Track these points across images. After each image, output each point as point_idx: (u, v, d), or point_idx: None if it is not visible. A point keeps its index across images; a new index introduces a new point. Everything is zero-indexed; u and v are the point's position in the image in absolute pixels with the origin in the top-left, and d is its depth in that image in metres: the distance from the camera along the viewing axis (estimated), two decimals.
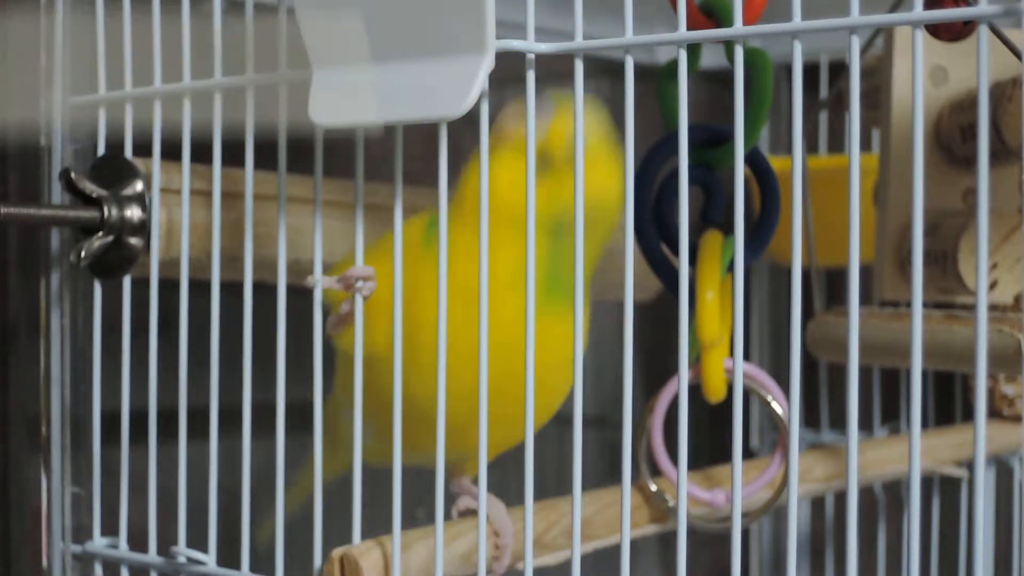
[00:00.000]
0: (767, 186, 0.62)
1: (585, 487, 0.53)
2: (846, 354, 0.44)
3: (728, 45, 0.54)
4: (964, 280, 0.67)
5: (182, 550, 0.60)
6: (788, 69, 0.94)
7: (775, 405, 0.62)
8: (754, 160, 0.62)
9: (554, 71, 0.59)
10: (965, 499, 0.93)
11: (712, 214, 0.63)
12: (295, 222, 0.60)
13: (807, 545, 1.00)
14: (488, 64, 0.48)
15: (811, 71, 0.96)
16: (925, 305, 0.70)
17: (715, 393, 0.62)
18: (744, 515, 0.63)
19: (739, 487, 0.47)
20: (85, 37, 0.64)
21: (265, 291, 0.59)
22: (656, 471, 0.64)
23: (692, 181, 0.62)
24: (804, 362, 0.47)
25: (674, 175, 0.62)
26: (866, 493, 0.90)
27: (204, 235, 0.61)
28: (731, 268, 0.61)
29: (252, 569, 0.58)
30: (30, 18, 0.65)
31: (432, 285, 0.51)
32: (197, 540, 0.61)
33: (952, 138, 0.69)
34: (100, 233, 0.61)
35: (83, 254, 0.61)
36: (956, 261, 0.67)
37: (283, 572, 0.57)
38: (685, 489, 0.49)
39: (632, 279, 0.49)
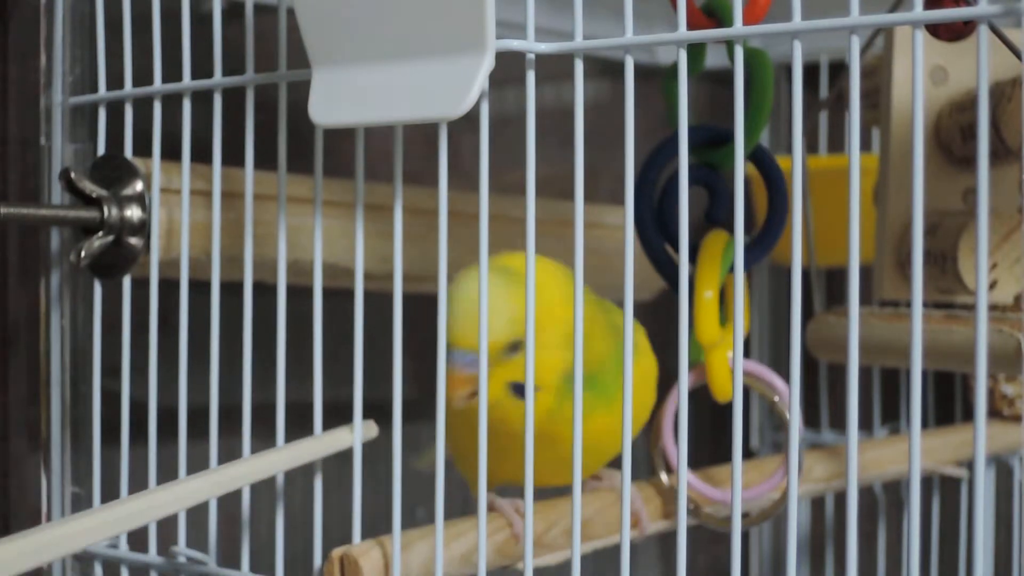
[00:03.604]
0: (774, 186, 0.62)
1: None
2: (846, 354, 0.44)
3: (729, 45, 0.54)
4: (964, 280, 0.67)
5: (182, 550, 0.60)
6: (788, 69, 0.94)
7: (781, 405, 0.62)
8: (761, 160, 0.62)
9: (554, 71, 0.59)
10: (965, 499, 0.93)
11: (716, 214, 0.63)
12: (295, 222, 0.60)
13: (807, 545, 1.00)
14: (488, 64, 0.48)
15: (811, 71, 0.96)
16: (925, 305, 0.70)
17: (722, 392, 0.61)
18: (748, 516, 0.63)
19: (739, 487, 0.47)
20: (85, 37, 0.64)
21: (265, 291, 0.59)
22: (670, 468, 0.64)
23: (695, 181, 0.62)
24: (804, 362, 0.47)
25: (676, 176, 0.62)
26: (866, 493, 0.90)
27: (204, 235, 0.61)
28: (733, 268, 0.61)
29: (252, 569, 0.58)
30: (30, 18, 0.65)
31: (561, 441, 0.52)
32: (197, 540, 0.61)
33: (952, 138, 0.69)
34: (100, 233, 0.61)
35: (83, 254, 0.61)
36: (956, 261, 0.67)
37: (283, 572, 0.57)
38: (685, 489, 0.49)
39: (632, 279, 0.49)
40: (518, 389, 0.54)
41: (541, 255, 0.54)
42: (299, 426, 0.58)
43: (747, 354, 0.98)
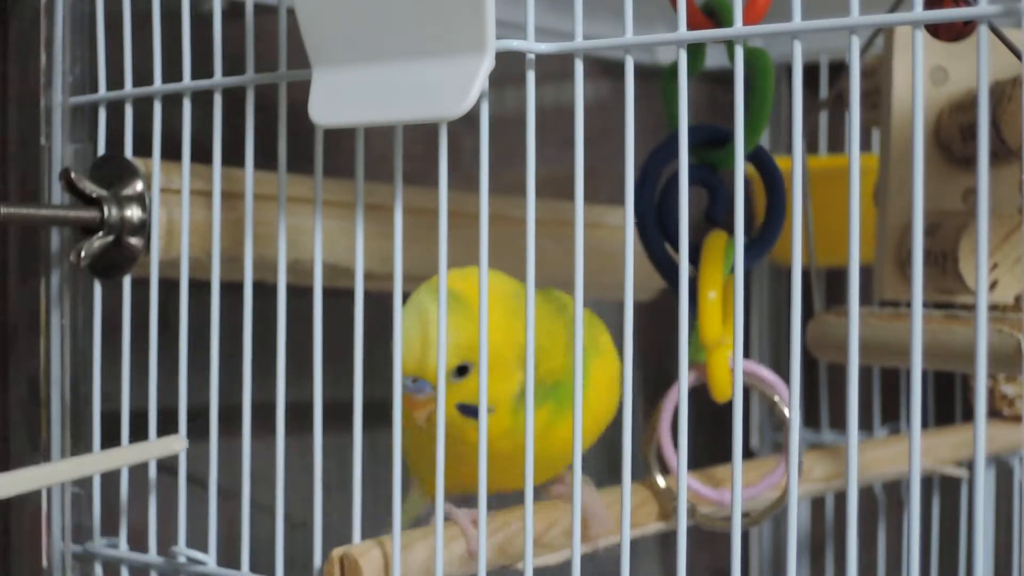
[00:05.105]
0: (773, 186, 0.62)
1: None
2: (846, 354, 0.44)
3: (729, 45, 0.54)
4: (964, 280, 0.67)
5: (182, 550, 0.60)
6: (788, 69, 0.94)
7: (780, 404, 0.62)
8: (760, 160, 0.62)
9: (554, 71, 0.59)
10: (965, 499, 0.93)
11: (715, 214, 0.63)
12: (295, 222, 0.60)
13: (807, 545, 1.00)
14: (488, 64, 0.48)
15: (811, 71, 0.96)
16: (925, 305, 0.70)
17: (721, 392, 0.62)
18: (748, 516, 0.63)
19: (739, 487, 0.47)
20: (85, 37, 0.64)
21: (265, 291, 0.59)
22: (666, 469, 0.64)
23: (695, 181, 0.62)
24: (804, 362, 0.47)
25: (676, 176, 0.62)
26: (866, 493, 0.90)
27: (204, 235, 0.61)
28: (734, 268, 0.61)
29: (252, 569, 0.58)
30: (30, 18, 0.65)
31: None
32: (197, 540, 0.61)
33: (952, 138, 0.69)
34: (100, 233, 0.61)
35: (83, 254, 0.61)
36: (956, 261, 0.67)
37: (283, 572, 0.57)
38: (685, 489, 0.49)
39: (632, 279, 0.49)
40: (467, 410, 0.55)
41: (494, 269, 0.54)
42: (299, 426, 0.58)
43: (747, 354, 0.98)
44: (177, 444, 0.58)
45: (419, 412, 0.55)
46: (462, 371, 0.55)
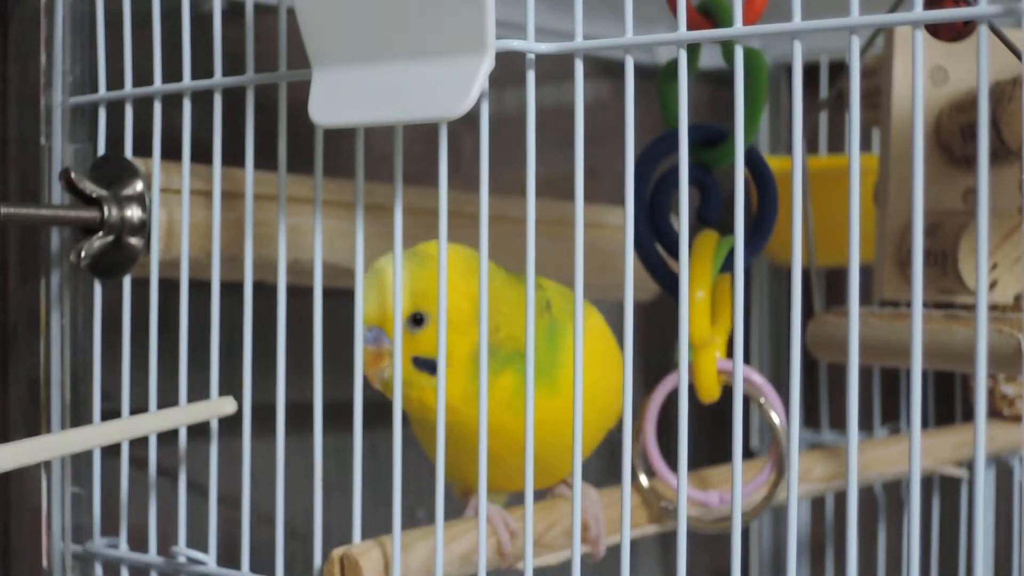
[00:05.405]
0: (764, 185, 0.62)
1: None
2: (846, 354, 0.44)
3: (726, 45, 0.54)
4: (964, 280, 0.67)
5: (182, 550, 0.60)
6: (788, 69, 0.94)
7: (767, 407, 0.62)
8: (751, 159, 0.62)
9: (554, 71, 0.59)
10: (965, 499, 0.93)
11: (708, 214, 0.63)
12: (295, 222, 0.60)
13: (807, 545, 0.99)
14: (488, 64, 0.48)
15: (811, 71, 0.96)
16: (925, 305, 0.70)
17: (708, 394, 0.62)
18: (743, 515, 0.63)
19: (739, 488, 0.47)
20: (85, 37, 0.64)
21: (265, 291, 0.59)
22: (650, 471, 0.64)
23: (688, 181, 0.62)
24: (804, 362, 0.47)
25: (668, 175, 0.62)
26: (866, 493, 0.90)
27: (204, 235, 0.62)
28: (730, 268, 0.61)
29: (252, 569, 0.58)
30: (30, 18, 0.65)
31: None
32: (197, 540, 0.61)
33: (952, 138, 0.69)
34: (100, 233, 0.61)
35: (83, 254, 0.61)
36: (956, 261, 0.67)
37: (283, 572, 0.57)
38: (685, 489, 0.49)
39: (632, 279, 0.49)
40: (423, 364, 0.54)
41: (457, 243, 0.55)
42: (299, 426, 0.58)
43: (745, 356, 0.98)
44: (227, 406, 0.58)
45: (372, 369, 0.54)
46: (418, 321, 0.54)
